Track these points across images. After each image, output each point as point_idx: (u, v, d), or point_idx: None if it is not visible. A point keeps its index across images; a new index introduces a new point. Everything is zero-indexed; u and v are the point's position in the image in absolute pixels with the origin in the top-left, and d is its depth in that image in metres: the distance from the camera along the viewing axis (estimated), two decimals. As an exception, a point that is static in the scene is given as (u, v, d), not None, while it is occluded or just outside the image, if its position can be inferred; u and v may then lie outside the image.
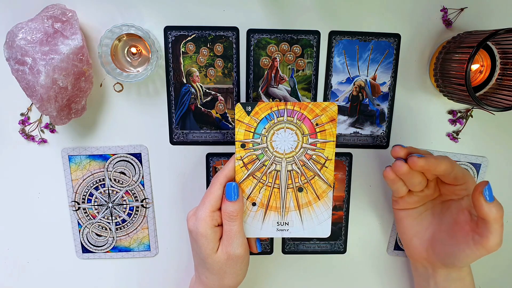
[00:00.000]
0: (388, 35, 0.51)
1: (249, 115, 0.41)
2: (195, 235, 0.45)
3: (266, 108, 0.41)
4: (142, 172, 0.54)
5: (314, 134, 0.43)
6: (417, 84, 0.53)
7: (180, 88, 0.52)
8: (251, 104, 0.41)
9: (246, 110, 0.41)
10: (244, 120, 0.42)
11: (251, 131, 0.42)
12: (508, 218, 0.57)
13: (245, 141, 0.42)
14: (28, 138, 0.53)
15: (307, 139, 0.43)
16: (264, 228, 0.46)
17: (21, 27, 0.44)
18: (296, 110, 0.41)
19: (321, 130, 0.42)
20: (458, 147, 0.55)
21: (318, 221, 0.45)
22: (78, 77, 0.47)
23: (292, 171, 0.43)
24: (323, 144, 0.43)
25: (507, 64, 0.49)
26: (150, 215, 0.56)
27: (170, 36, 0.50)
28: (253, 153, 0.43)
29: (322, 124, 0.42)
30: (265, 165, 0.43)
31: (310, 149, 0.43)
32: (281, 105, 0.41)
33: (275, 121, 0.42)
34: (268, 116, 0.42)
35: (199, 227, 0.44)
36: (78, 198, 0.55)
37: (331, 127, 0.43)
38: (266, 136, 0.42)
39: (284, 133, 0.42)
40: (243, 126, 0.42)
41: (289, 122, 0.42)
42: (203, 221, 0.44)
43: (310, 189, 0.44)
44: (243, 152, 0.43)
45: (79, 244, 0.56)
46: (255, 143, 0.43)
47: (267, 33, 0.51)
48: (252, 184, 0.44)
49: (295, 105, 0.41)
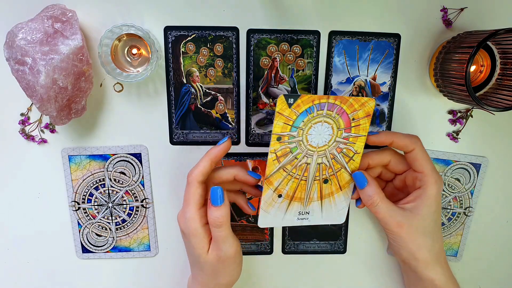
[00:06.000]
0: (388, 35, 0.51)
1: (290, 108, 0.40)
2: (187, 235, 0.45)
3: (308, 101, 0.40)
4: (142, 172, 0.54)
5: (349, 129, 0.43)
6: (417, 84, 0.53)
7: (180, 88, 0.52)
8: (294, 96, 0.40)
9: (288, 102, 0.40)
10: (284, 113, 0.40)
11: (290, 124, 0.41)
12: (508, 218, 0.57)
13: (282, 134, 0.41)
14: (28, 138, 0.53)
15: (341, 133, 0.43)
16: (286, 218, 0.46)
17: (21, 27, 0.44)
18: (337, 104, 0.41)
19: (356, 125, 0.43)
20: (458, 147, 0.55)
21: (336, 210, 0.46)
22: (78, 77, 0.47)
23: (322, 164, 0.43)
24: (355, 138, 0.43)
25: (507, 64, 0.49)
26: (150, 215, 0.56)
27: (170, 36, 0.50)
28: (287, 146, 0.42)
29: (358, 119, 0.42)
30: (297, 158, 0.43)
31: (342, 143, 0.43)
32: (323, 99, 0.40)
33: (314, 115, 0.41)
34: (309, 109, 0.41)
35: (189, 226, 0.44)
36: (78, 198, 0.55)
37: (365, 122, 0.43)
38: (303, 129, 0.42)
39: (321, 127, 0.42)
40: (282, 119, 0.41)
41: (328, 116, 0.41)
42: (192, 220, 0.44)
43: (334, 181, 0.45)
44: (278, 145, 0.42)
45: (79, 244, 0.56)
46: (291, 136, 0.42)
47: (267, 33, 0.51)
48: (281, 177, 0.43)
49: (336, 99, 0.41)
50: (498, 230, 0.57)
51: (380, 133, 0.46)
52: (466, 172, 0.55)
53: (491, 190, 0.56)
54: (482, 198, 0.56)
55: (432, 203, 0.45)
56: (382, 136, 0.46)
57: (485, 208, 0.57)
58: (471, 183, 0.56)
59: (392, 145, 0.46)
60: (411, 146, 0.45)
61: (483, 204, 0.57)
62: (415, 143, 0.45)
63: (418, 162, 0.45)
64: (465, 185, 0.56)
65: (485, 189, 0.56)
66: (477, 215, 0.57)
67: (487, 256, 0.58)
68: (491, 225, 0.57)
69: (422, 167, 0.45)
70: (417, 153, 0.45)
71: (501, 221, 0.57)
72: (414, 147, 0.45)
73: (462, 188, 0.56)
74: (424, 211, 0.45)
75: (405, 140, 0.45)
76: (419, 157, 0.45)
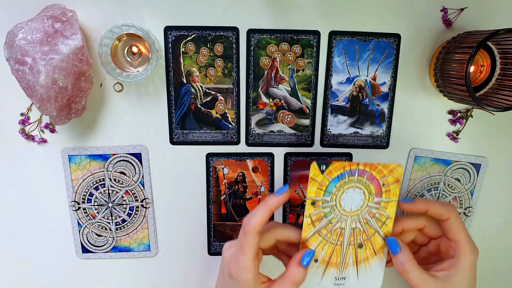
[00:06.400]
0: (388, 35, 0.51)
1: (323, 174, 0.42)
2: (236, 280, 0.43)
3: (340, 167, 0.42)
4: (142, 172, 0.54)
5: (380, 194, 0.44)
6: (417, 84, 0.53)
7: (180, 88, 0.52)
8: (326, 163, 0.42)
9: (320, 169, 0.42)
10: (317, 179, 0.42)
11: (323, 189, 0.43)
12: (508, 218, 0.57)
13: (316, 199, 0.43)
14: (28, 138, 0.53)
15: (373, 198, 0.44)
16: (322, 284, 0.46)
17: (21, 27, 0.44)
18: (367, 171, 0.43)
19: (386, 190, 0.44)
20: (458, 147, 0.55)
21: (372, 275, 0.46)
22: (78, 77, 0.47)
23: (356, 229, 0.45)
24: (386, 203, 0.44)
25: (507, 64, 0.49)
26: (150, 215, 0.56)
27: (170, 36, 0.50)
28: (322, 211, 0.44)
29: (388, 185, 0.44)
30: (331, 223, 0.44)
31: (374, 208, 0.44)
32: (354, 165, 0.42)
33: (346, 180, 0.43)
34: (341, 175, 0.42)
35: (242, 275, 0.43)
36: (78, 198, 0.55)
37: (395, 187, 0.44)
38: (336, 194, 0.43)
39: (353, 192, 0.43)
40: (315, 184, 0.42)
41: (359, 181, 0.43)
42: (247, 270, 0.43)
43: (369, 245, 0.45)
44: (312, 209, 0.43)
45: (79, 244, 0.56)
46: (325, 201, 0.43)
47: (267, 33, 0.51)
48: (317, 241, 0.44)
49: (366, 166, 0.42)
50: (498, 230, 0.57)
51: (415, 201, 0.46)
52: (466, 172, 0.55)
53: (491, 190, 0.56)
54: (482, 198, 0.56)
55: (466, 274, 0.44)
56: (417, 204, 0.45)
57: (485, 208, 0.57)
58: (471, 183, 0.56)
59: (427, 213, 0.45)
60: (447, 215, 0.45)
61: (483, 204, 0.57)
62: (451, 211, 0.45)
63: (453, 231, 0.45)
64: (465, 185, 0.56)
65: (485, 189, 0.56)
66: (477, 215, 0.57)
67: (487, 256, 0.58)
68: (491, 225, 0.57)
69: (457, 237, 0.44)
70: (452, 221, 0.45)
71: (501, 221, 0.57)
72: (449, 215, 0.45)
73: (462, 188, 0.56)
74: (458, 281, 0.44)
75: (440, 209, 0.45)
76: (454, 226, 0.44)
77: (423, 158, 0.55)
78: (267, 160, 0.55)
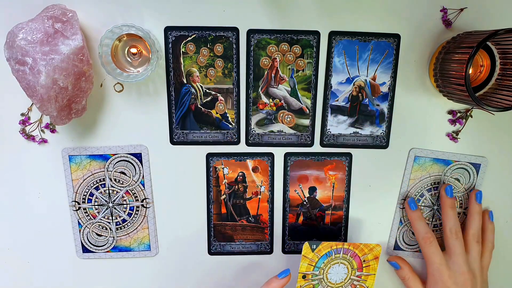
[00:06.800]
0: (388, 35, 0.51)
1: (313, 252, 0.50)
2: None
3: (328, 246, 0.50)
4: (142, 172, 0.54)
5: (361, 268, 0.52)
6: (417, 84, 0.53)
7: (180, 88, 0.52)
8: (316, 243, 0.50)
9: (311, 247, 0.50)
10: (308, 256, 0.50)
11: (313, 264, 0.51)
12: (508, 218, 0.57)
13: (307, 273, 0.51)
14: (29, 138, 0.53)
15: (355, 272, 0.52)
16: None
17: (22, 27, 0.44)
18: (351, 249, 0.51)
19: (366, 266, 0.52)
20: (458, 147, 0.55)
21: None
22: (79, 77, 0.47)
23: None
24: (366, 276, 0.53)
25: (506, 64, 0.49)
26: (150, 215, 0.56)
27: (170, 36, 0.51)
28: (311, 283, 0.52)
29: (368, 261, 0.52)
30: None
31: (355, 280, 0.53)
32: (339, 245, 0.50)
33: (332, 257, 0.51)
34: (328, 253, 0.51)
35: None
36: (79, 198, 0.55)
37: (374, 263, 0.52)
38: (324, 269, 0.51)
39: (338, 267, 0.52)
40: (306, 261, 0.50)
41: (344, 258, 0.51)
42: None
43: None
44: (303, 282, 0.51)
45: (79, 244, 0.56)
46: (314, 275, 0.51)
47: (267, 33, 0.51)
48: None
49: (350, 245, 0.51)
50: (498, 230, 0.57)
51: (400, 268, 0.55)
52: (465, 172, 0.55)
53: (491, 190, 0.56)
54: (482, 198, 0.56)
55: None
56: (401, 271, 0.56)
57: (485, 208, 0.57)
58: (470, 183, 0.56)
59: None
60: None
61: (483, 204, 0.57)
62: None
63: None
64: (465, 185, 0.56)
65: (485, 189, 0.56)
66: (477, 215, 0.57)
67: (487, 256, 0.58)
68: (491, 225, 0.57)
69: None
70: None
71: (501, 221, 0.57)
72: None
73: (462, 188, 0.56)
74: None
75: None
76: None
77: (423, 158, 0.55)
78: (267, 160, 0.55)
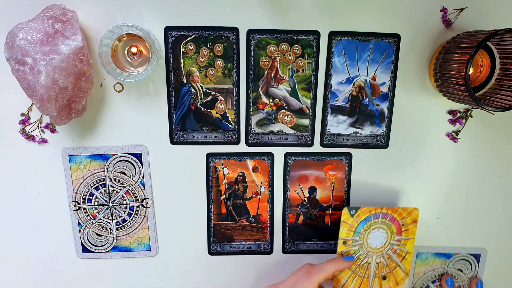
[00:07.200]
0: (388, 35, 0.51)
1: (352, 217, 0.51)
2: None
3: (366, 211, 0.51)
4: (142, 172, 0.54)
5: (400, 233, 0.52)
6: (417, 84, 0.53)
7: (180, 88, 0.52)
8: (355, 208, 0.50)
9: (350, 213, 0.50)
10: (348, 221, 0.51)
11: (353, 230, 0.51)
12: (508, 218, 0.57)
13: (347, 238, 0.51)
14: (29, 138, 0.53)
15: (394, 236, 0.52)
16: None
17: (22, 27, 0.44)
18: (389, 213, 0.51)
19: (405, 229, 0.52)
20: (457, 147, 0.55)
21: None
22: (79, 77, 0.47)
23: (380, 263, 0.53)
24: (405, 240, 0.52)
25: (506, 64, 0.49)
26: (150, 215, 0.56)
27: (170, 36, 0.51)
28: (351, 249, 0.52)
29: (406, 225, 0.52)
30: (359, 258, 0.52)
31: (395, 245, 0.53)
32: (378, 209, 0.51)
33: (372, 222, 0.51)
34: (367, 218, 0.51)
35: None
36: (79, 198, 0.55)
37: (413, 227, 0.52)
38: (364, 234, 0.51)
39: (377, 232, 0.52)
40: (346, 226, 0.51)
41: (383, 223, 0.51)
42: None
43: (391, 277, 0.53)
44: (343, 248, 0.52)
45: (79, 244, 0.56)
46: (355, 240, 0.51)
47: (267, 33, 0.51)
48: (347, 275, 0.52)
49: (388, 209, 0.51)
50: (499, 231, 0.57)
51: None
52: (467, 262, 0.58)
53: (491, 189, 0.56)
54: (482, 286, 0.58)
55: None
56: None
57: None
58: (473, 272, 0.58)
59: None
60: None
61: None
62: None
63: None
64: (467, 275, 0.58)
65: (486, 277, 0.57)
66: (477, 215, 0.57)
67: (488, 256, 0.58)
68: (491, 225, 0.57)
69: None
70: None
71: (501, 221, 0.57)
72: None
73: (465, 277, 0.58)
74: None
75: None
76: None
77: (425, 253, 0.57)
78: (267, 160, 0.55)
